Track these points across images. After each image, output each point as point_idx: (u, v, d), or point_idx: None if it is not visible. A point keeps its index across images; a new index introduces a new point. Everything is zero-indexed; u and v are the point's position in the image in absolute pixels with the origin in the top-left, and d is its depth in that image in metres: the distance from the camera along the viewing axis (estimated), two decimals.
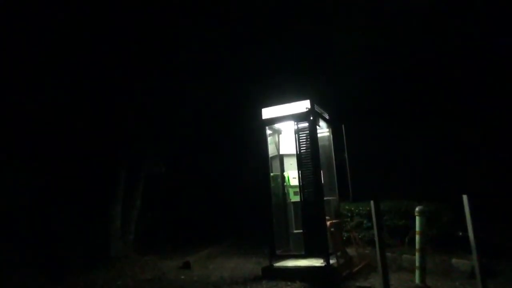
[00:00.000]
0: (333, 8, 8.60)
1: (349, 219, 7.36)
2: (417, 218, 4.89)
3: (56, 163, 7.70)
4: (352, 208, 7.51)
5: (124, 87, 7.96)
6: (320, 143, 6.14)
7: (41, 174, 7.58)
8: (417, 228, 4.89)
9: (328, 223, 5.79)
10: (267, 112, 6.38)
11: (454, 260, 5.80)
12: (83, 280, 6.22)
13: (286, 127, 6.72)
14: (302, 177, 5.86)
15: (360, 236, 6.97)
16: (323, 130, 6.77)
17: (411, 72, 9.70)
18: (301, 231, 5.86)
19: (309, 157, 5.84)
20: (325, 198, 6.01)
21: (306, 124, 5.93)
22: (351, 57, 9.25)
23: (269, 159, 6.52)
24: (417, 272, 4.88)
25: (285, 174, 6.76)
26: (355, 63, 9.34)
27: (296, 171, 5.98)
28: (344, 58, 9.37)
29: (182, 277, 6.40)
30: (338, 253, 5.81)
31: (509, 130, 7.94)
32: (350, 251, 6.49)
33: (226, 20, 8.32)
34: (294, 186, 6.39)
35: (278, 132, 7.02)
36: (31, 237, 7.15)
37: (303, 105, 6.02)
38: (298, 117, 6.01)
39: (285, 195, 6.66)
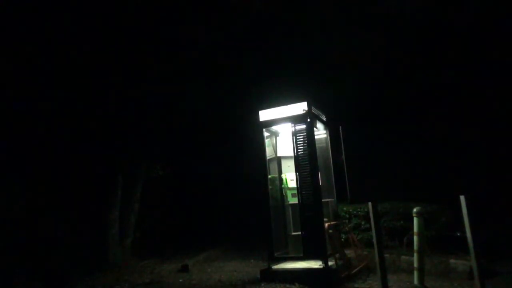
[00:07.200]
0: (331, 10, 8.62)
1: (347, 221, 7.36)
2: (415, 219, 4.90)
3: (53, 168, 7.66)
4: (350, 210, 7.52)
5: (120, 91, 7.93)
6: (317, 145, 6.14)
7: (37, 180, 7.54)
8: (415, 229, 4.90)
9: (326, 225, 5.79)
10: (265, 114, 6.38)
11: (452, 261, 5.80)
12: (81, 286, 6.18)
13: (284, 129, 6.72)
14: (300, 179, 5.86)
15: (358, 238, 6.97)
16: (320, 132, 6.79)
17: (408, 73, 9.73)
18: (299, 233, 5.85)
19: (306, 159, 5.84)
20: (323, 200, 6.02)
21: (303, 126, 5.94)
22: (348, 58, 9.27)
23: (267, 161, 6.52)
24: (415, 273, 4.88)
25: (283, 176, 6.76)
26: (352, 64, 9.36)
27: (294, 173, 5.98)
28: (342, 60, 9.39)
29: (181, 280, 6.38)
30: (337, 255, 5.81)
31: (508, 130, 7.97)
32: (349, 252, 6.49)
33: (223, 23, 8.32)
34: (292, 188, 6.39)
35: (275, 134, 7.03)
36: (27, 244, 7.10)
37: (300, 107, 6.03)
38: (296, 119, 6.02)
39: (283, 197, 6.65)
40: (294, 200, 6.26)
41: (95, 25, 7.38)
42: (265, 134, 6.53)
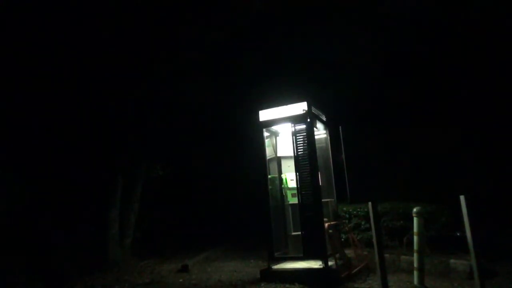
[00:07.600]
0: (331, 10, 8.62)
1: (347, 221, 7.36)
2: (415, 219, 4.89)
3: (53, 168, 7.66)
4: (350, 210, 7.52)
5: (121, 91, 7.94)
6: (317, 145, 6.14)
7: (38, 180, 7.54)
8: (415, 229, 4.89)
9: (326, 225, 5.79)
10: (265, 114, 6.37)
11: (452, 261, 5.80)
12: (81, 286, 6.18)
13: (284, 129, 6.72)
14: (299, 179, 5.85)
15: (358, 238, 6.97)
16: (320, 132, 6.78)
17: (408, 73, 9.73)
18: (300, 233, 5.85)
19: (306, 159, 5.84)
20: (323, 200, 6.02)
21: (303, 126, 5.94)
22: (348, 58, 9.28)
23: (267, 161, 6.51)
24: (415, 273, 4.88)
25: (283, 176, 6.76)
26: (352, 64, 9.37)
27: (294, 173, 5.98)
28: (341, 60, 9.39)
29: (181, 280, 6.38)
30: (337, 255, 5.81)
31: (508, 130, 7.97)
32: (349, 252, 6.49)
33: (223, 23, 8.32)
34: (292, 188, 6.38)
35: (275, 134, 7.02)
36: (27, 243, 7.10)
37: (300, 107, 6.02)
38: (296, 119, 6.02)
39: (283, 197, 6.65)
40: (294, 200, 6.26)
41: (95, 25, 7.38)
42: (265, 134, 6.52)
